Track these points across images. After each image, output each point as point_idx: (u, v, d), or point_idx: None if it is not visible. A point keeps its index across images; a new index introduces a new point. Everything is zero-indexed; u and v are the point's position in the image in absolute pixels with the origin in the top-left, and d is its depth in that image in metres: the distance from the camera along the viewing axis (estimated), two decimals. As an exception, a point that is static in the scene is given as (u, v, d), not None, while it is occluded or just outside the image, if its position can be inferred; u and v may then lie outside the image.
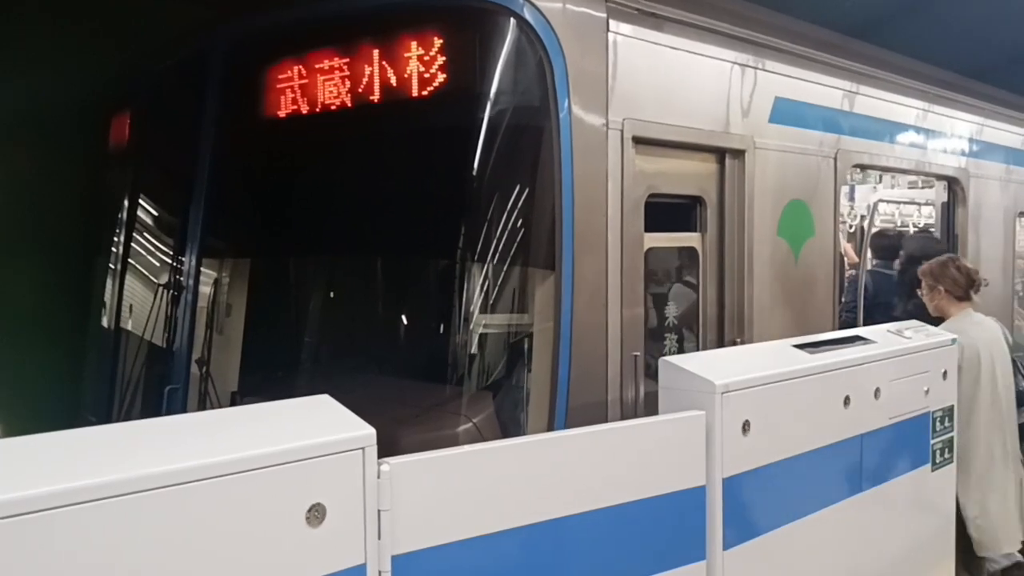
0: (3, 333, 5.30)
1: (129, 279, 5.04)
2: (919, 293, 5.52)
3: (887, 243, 7.79)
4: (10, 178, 5.42)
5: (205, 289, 4.54)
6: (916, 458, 4.53)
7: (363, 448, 2.35)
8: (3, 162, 5.36)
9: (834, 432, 3.92)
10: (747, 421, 3.41)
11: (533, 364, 3.62)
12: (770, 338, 4.48)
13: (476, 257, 3.60)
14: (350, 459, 2.33)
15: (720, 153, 4.47)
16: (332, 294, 4.61)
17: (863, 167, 6.21)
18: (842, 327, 5.24)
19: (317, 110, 4.00)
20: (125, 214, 5.10)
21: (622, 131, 3.83)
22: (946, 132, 6.53)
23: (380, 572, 2.40)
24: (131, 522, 1.97)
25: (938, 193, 6.96)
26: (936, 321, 5.25)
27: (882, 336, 4.51)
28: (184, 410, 4.29)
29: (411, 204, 3.89)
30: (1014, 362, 5.44)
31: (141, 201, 5.10)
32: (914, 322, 5.11)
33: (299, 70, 4.07)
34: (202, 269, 4.53)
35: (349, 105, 3.88)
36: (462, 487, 2.61)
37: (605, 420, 3.68)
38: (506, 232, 3.58)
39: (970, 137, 6.85)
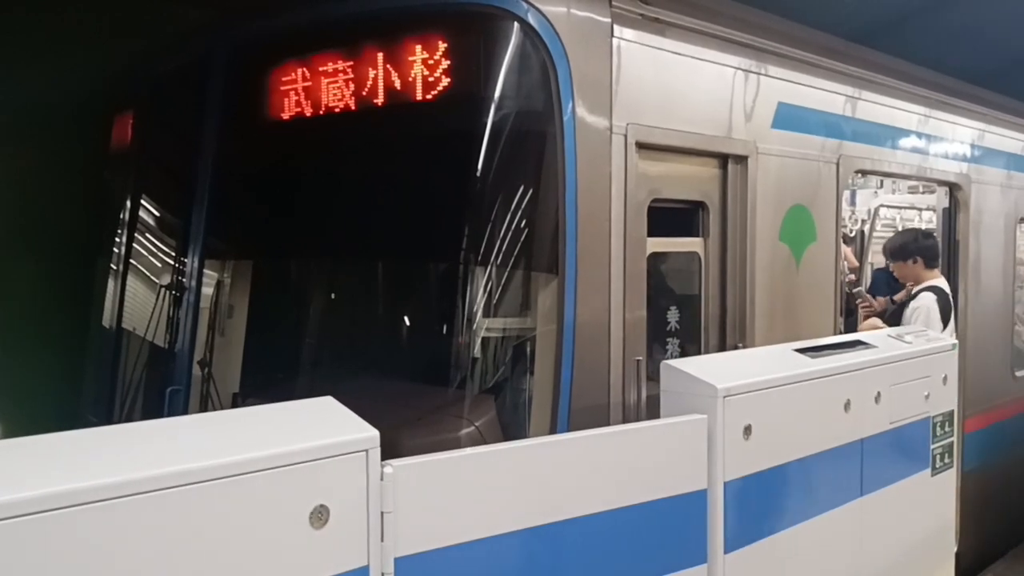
0: (4, 333, 5.30)
1: (131, 280, 5.04)
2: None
3: None
4: (11, 178, 5.42)
5: (207, 290, 4.55)
6: (916, 463, 4.54)
7: (367, 450, 2.36)
8: (4, 161, 5.37)
9: (835, 436, 3.93)
10: (748, 425, 3.42)
11: (535, 367, 3.62)
12: (772, 342, 4.49)
13: (479, 260, 3.61)
14: (354, 461, 2.34)
15: (723, 158, 4.48)
16: (334, 296, 4.61)
17: (865, 172, 6.22)
18: None
19: (321, 113, 4.01)
20: (128, 215, 5.10)
21: (625, 136, 3.84)
22: (948, 137, 6.54)
23: (383, 574, 2.41)
24: (133, 523, 1.98)
25: (939, 199, 6.97)
26: None
27: (883, 341, 4.52)
28: (185, 411, 4.30)
29: (414, 207, 3.89)
30: None
31: (144, 202, 5.11)
32: (915, 327, 5.12)
33: (303, 72, 4.07)
34: (204, 270, 4.53)
35: (353, 108, 3.88)
36: (465, 490, 2.62)
37: (607, 423, 3.68)
38: (509, 236, 3.59)
39: (972, 143, 6.85)
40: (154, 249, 4.97)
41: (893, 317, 6.68)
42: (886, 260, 7.25)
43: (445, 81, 3.60)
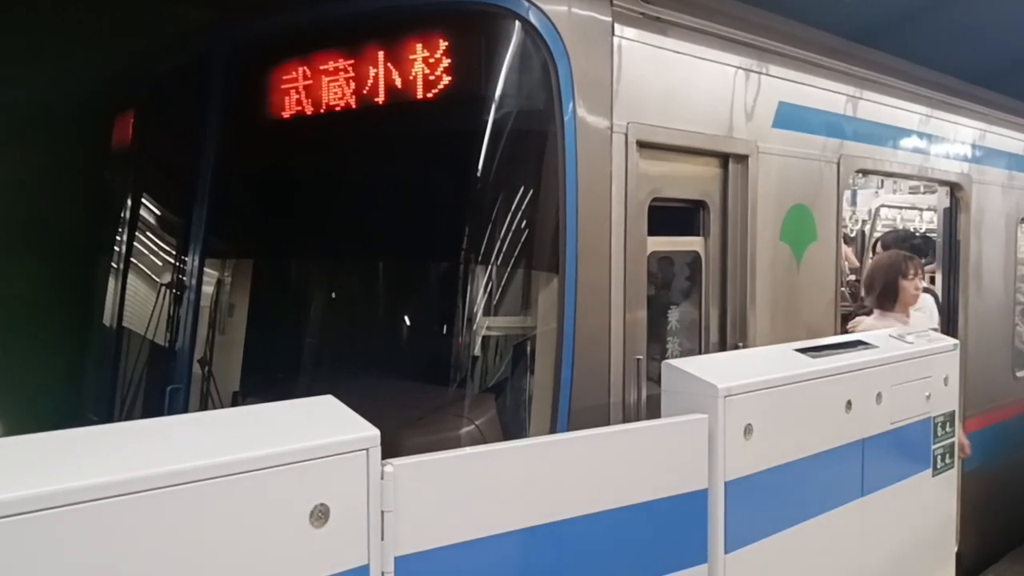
0: (4, 333, 5.30)
1: (132, 279, 5.04)
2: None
3: None
4: (11, 178, 5.42)
5: (208, 289, 4.55)
6: (917, 463, 4.53)
7: (367, 449, 2.36)
8: (4, 161, 5.37)
9: (836, 436, 3.92)
10: (749, 425, 3.42)
11: (536, 367, 3.62)
12: (772, 342, 4.49)
13: (480, 260, 3.60)
14: (354, 460, 2.33)
15: (723, 158, 4.47)
16: (334, 295, 4.61)
17: (866, 172, 6.21)
18: None
19: (322, 112, 4.00)
20: (129, 214, 5.10)
21: (626, 135, 3.83)
22: (949, 137, 6.53)
23: (383, 573, 2.40)
24: (133, 522, 1.97)
25: (940, 199, 6.96)
26: None
27: (884, 341, 4.52)
28: (186, 410, 4.30)
29: (415, 207, 3.89)
30: None
31: (145, 201, 5.11)
32: (925, 326, 5.12)
33: (304, 71, 4.07)
34: (205, 269, 4.53)
35: (353, 107, 3.88)
36: (465, 489, 2.61)
37: (607, 423, 3.68)
38: (510, 235, 3.58)
39: (973, 143, 6.85)
40: (154, 248, 4.97)
41: None
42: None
43: (446, 80, 3.60)
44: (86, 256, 5.40)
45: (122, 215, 5.14)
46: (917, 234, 11.08)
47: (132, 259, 5.03)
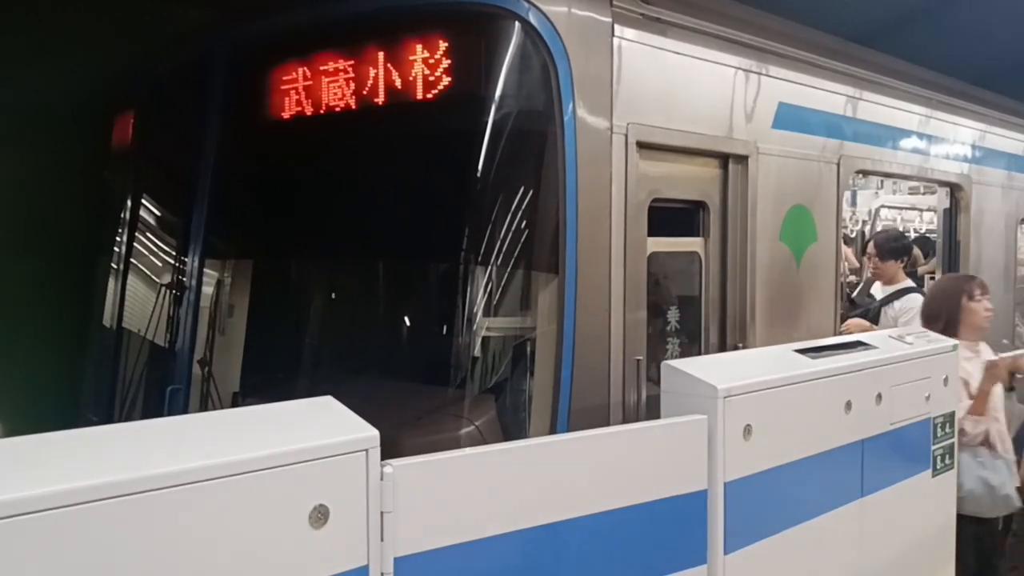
0: (4, 333, 5.30)
1: (132, 279, 5.04)
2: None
3: None
4: (11, 178, 5.42)
5: (208, 289, 4.55)
6: (917, 464, 4.53)
7: (367, 450, 2.35)
8: (4, 162, 5.37)
9: (836, 437, 3.92)
10: (749, 425, 3.42)
11: (536, 368, 3.62)
12: (772, 343, 4.49)
13: (480, 260, 3.60)
14: (353, 461, 2.33)
15: (723, 158, 4.48)
16: (334, 296, 4.61)
17: (866, 173, 6.21)
18: None
19: (322, 112, 4.00)
20: (129, 214, 5.11)
21: (626, 135, 3.83)
22: (949, 138, 6.54)
23: (382, 574, 2.40)
24: (131, 523, 1.97)
25: (940, 199, 6.97)
26: None
27: (884, 342, 4.51)
28: (186, 411, 4.30)
29: (415, 207, 3.89)
30: None
31: (145, 201, 5.11)
32: (915, 328, 5.11)
33: (304, 72, 4.07)
34: (205, 269, 4.53)
35: (353, 108, 3.88)
36: (465, 490, 2.61)
37: (607, 424, 3.68)
38: (510, 236, 3.58)
39: (973, 143, 6.85)
40: (154, 248, 4.97)
41: (870, 316, 6.66)
42: (878, 255, 7.19)
43: (446, 81, 3.60)
44: (86, 256, 5.40)
45: (122, 215, 5.14)
46: (914, 234, 11.08)
47: (132, 259, 5.03)
